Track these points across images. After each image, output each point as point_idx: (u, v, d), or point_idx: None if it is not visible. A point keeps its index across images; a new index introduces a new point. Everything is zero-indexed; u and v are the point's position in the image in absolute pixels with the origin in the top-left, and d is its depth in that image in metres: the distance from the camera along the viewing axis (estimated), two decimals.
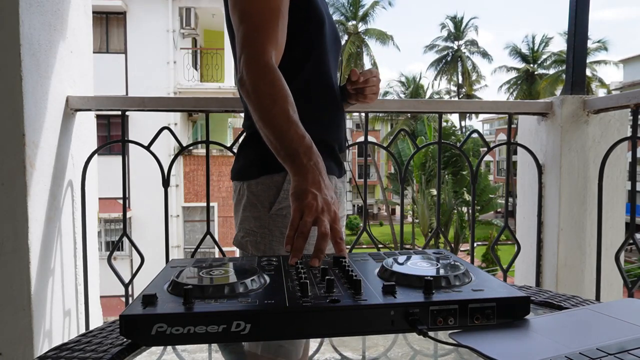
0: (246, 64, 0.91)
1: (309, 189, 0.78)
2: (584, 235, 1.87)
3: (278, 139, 0.86)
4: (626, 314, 0.61)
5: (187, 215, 13.34)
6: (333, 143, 1.12)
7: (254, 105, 0.89)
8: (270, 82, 0.89)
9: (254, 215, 1.05)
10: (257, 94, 0.89)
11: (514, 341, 0.56)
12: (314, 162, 0.83)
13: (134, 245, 1.80)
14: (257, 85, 0.89)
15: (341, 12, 27.54)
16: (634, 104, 1.68)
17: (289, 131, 0.85)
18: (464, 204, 21.84)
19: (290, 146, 0.84)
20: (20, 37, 1.36)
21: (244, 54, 0.92)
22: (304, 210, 0.76)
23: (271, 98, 0.88)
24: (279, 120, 0.86)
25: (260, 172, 1.05)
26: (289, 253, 0.75)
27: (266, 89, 0.89)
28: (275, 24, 0.94)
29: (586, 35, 1.90)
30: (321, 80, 1.12)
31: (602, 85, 27.72)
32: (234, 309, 0.55)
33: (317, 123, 1.05)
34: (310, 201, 0.77)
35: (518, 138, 2.08)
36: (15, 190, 1.38)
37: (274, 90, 0.89)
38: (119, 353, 0.58)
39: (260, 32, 0.93)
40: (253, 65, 0.90)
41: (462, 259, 0.76)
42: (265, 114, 0.87)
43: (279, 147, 0.86)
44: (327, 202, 0.79)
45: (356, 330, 0.58)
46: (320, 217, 0.76)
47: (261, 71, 0.90)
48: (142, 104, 1.74)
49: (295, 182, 0.81)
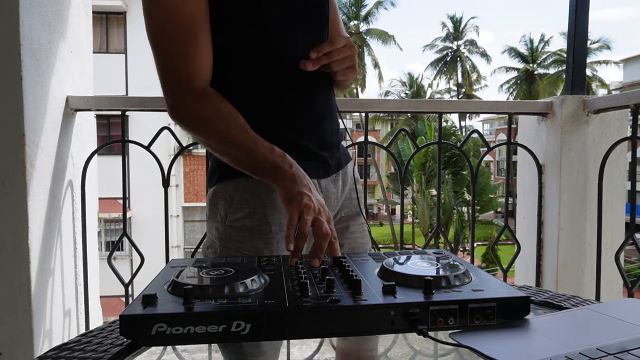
0: (178, 96, 0.85)
1: (302, 191, 0.78)
2: (584, 235, 1.87)
3: (249, 157, 0.83)
4: (626, 314, 0.61)
5: (187, 215, 13.35)
6: (305, 142, 0.96)
7: (207, 134, 0.85)
8: (214, 106, 0.84)
9: (214, 226, 0.97)
10: (206, 121, 0.84)
11: (514, 341, 0.56)
12: (295, 167, 0.82)
13: (134, 245, 1.80)
14: (201, 113, 0.84)
15: (343, 11, 27.54)
16: (634, 104, 1.68)
17: (256, 146, 0.83)
18: (464, 204, 21.85)
19: (265, 160, 0.82)
20: (20, 37, 1.36)
21: (168, 94, 0.85)
22: (302, 210, 0.76)
23: (224, 121, 0.84)
24: (241, 138, 0.83)
25: (217, 179, 0.96)
26: (289, 252, 0.75)
27: (213, 113, 0.84)
28: (189, 42, 0.84)
29: (586, 35, 1.91)
30: (268, 66, 0.92)
31: (602, 85, 27.73)
32: (234, 309, 0.55)
33: (275, 123, 0.92)
34: (307, 202, 0.77)
35: (518, 138, 2.08)
36: (15, 190, 1.38)
37: (223, 113, 0.84)
38: (119, 353, 0.58)
39: (182, 57, 0.84)
40: (187, 95, 0.85)
41: (462, 259, 0.76)
42: (224, 138, 0.84)
43: (253, 165, 0.84)
44: (321, 203, 0.79)
45: (356, 330, 0.58)
46: (318, 217, 0.76)
47: (199, 98, 0.84)
48: (142, 104, 1.74)
49: (284, 188, 0.79)
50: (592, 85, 27.20)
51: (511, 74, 31.56)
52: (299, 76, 0.92)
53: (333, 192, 1.00)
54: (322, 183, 0.98)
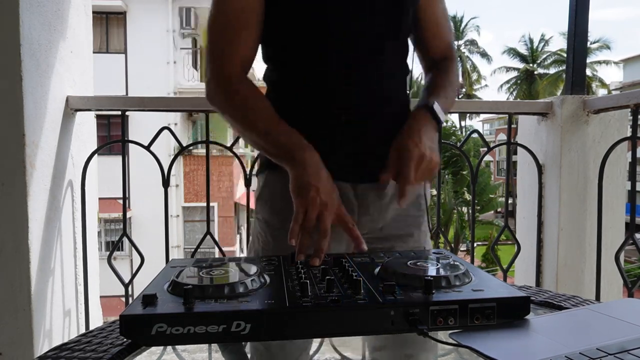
0: (212, 80, 0.90)
1: (311, 182, 0.77)
2: (584, 235, 1.86)
3: (266, 141, 0.85)
4: (626, 314, 0.61)
5: (187, 215, 13.35)
6: (348, 136, 0.89)
7: (232, 117, 0.88)
8: (240, 91, 0.88)
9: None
10: (231, 105, 0.89)
11: (514, 341, 0.56)
12: (309, 154, 0.80)
13: (134, 245, 1.80)
14: (227, 97, 0.89)
15: None
16: (634, 104, 1.68)
17: (276, 130, 0.84)
18: (464, 204, 21.83)
19: (280, 143, 0.83)
20: (20, 37, 1.36)
21: (208, 70, 0.90)
22: (308, 205, 0.75)
23: (246, 105, 0.87)
24: (262, 122, 0.85)
25: (257, 171, 1.00)
26: (293, 247, 0.74)
27: (238, 98, 0.88)
28: (239, 29, 0.89)
29: (586, 35, 1.90)
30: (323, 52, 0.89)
31: (602, 85, 27.73)
32: (234, 309, 0.55)
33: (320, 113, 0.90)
34: (314, 195, 0.75)
35: (518, 138, 2.08)
36: (15, 190, 1.38)
37: (247, 98, 0.87)
38: (119, 353, 0.58)
39: (220, 45, 0.90)
40: (218, 80, 0.89)
41: (462, 259, 0.76)
42: (246, 121, 0.87)
43: (270, 148, 0.85)
44: (330, 196, 0.77)
45: (356, 330, 0.58)
46: (323, 212, 0.75)
47: (227, 83, 0.88)
48: (142, 104, 1.74)
49: (294, 175, 0.79)
50: (592, 85, 27.20)
51: (511, 74, 31.57)
52: (356, 63, 0.89)
53: (374, 202, 0.91)
54: (349, 191, 0.90)
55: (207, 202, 1.83)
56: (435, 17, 1.01)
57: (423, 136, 0.85)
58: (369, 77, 0.90)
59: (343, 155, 0.89)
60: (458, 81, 1.05)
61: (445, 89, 0.97)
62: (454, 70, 1.02)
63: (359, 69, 0.89)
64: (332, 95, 0.89)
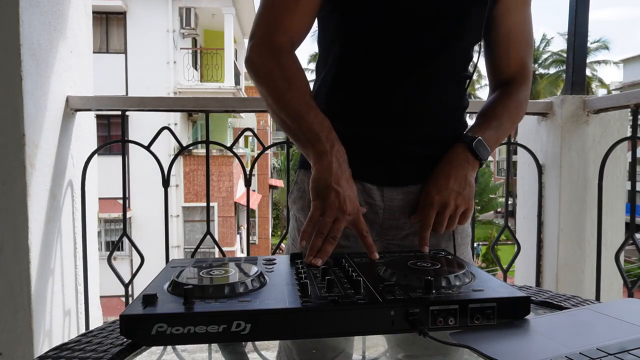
0: (257, 45, 0.84)
1: (332, 184, 0.75)
2: (584, 235, 1.86)
3: (296, 124, 0.80)
4: (626, 314, 0.61)
5: (187, 215, 13.34)
6: (381, 135, 0.86)
7: (267, 89, 0.83)
8: (284, 65, 0.83)
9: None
10: (269, 76, 0.83)
11: (514, 341, 0.56)
12: (336, 149, 0.78)
13: (134, 245, 1.80)
14: (268, 67, 0.83)
15: None
16: (634, 104, 1.68)
17: (308, 114, 0.80)
18: None
19: (310, 130, 0.79)
20: (20, 37, 1.36)
21: (256, 33, 0.84)
22: (326, 209, 0.74)
23: (286, 81, 0.82)
24: (296, 103, 0.80)
25: (298, 167, 0.96)
26: (304, 248, 0.74)
27: (279, 71, 0.82)
28: (293, 3, 0.83)
29: (586, 35, 1.90)
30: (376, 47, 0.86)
31: (602, 85, 27.72)
32: (234, 309, 0.55)
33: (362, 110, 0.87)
34: (333, 200, 0.74)
35: (518, 138, 2.08)
36: (15, 190, 1.38)
37: (289, 74, 0.82)
38: (119, 353, 0.58)
39: (275, 10, 0.84)
40: (265, 47, 0.83)
41: (462, 259, 0.76)
42: (281, 97, 0.82)
43: (298, 133, 0.81)
44: (349, 202, 0.76)
45: (356, 330, 0.58)
46: (339, 217, 0.74)
47: (274, 53, 0.83)
48: (142, 104, 1.74)
49: (317, 175, 0.77)
50: (592, 85, 27.19)
51: None
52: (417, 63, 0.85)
53: (398, 207, 0.88)
54: (376, 193, 0.87)
55: (207, 202, 1.83)
56: (510, 31, 0.93)
57: (450, 180, 0.83)
58: (425, 78, 0.86)
59: (379, 155, 0.87)
60: (522, 108, 0.95)
61: (499, 119, 0.91)
62: (518, 97, 0.94)
63: (417, 69, 0.85)
64: (388, 92, 0.85)
